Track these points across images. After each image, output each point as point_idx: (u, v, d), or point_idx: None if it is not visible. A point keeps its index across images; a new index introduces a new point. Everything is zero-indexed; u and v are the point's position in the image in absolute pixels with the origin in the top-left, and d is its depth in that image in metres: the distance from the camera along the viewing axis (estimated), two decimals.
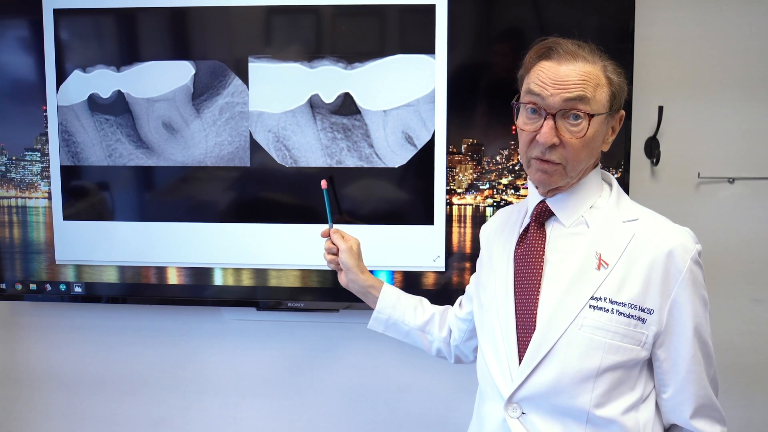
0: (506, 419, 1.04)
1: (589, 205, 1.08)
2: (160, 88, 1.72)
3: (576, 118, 1.00)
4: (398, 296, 1.37)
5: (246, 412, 1.90)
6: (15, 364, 1.96)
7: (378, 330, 1.37)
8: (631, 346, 1.02)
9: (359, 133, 1.69)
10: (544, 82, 1.01)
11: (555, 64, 1.01)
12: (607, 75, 1.03)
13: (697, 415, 1.06)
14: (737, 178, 1.72)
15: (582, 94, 1.00)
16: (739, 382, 1.78)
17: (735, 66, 1.71)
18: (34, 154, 1.78)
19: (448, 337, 1.35)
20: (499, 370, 1.08)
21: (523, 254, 1.10)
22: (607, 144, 1.08)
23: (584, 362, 1.01)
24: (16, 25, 1.76)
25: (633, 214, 1.08)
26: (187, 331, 1.90)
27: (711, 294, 1.78)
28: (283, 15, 1.70)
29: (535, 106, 1.02)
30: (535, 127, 1.02)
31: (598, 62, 1.03)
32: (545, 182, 1.06)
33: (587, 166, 1.07)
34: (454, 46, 1.65)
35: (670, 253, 1.02)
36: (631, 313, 1.01)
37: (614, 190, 1.10)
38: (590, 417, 1.02)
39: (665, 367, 1.05)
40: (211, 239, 1.75)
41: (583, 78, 1.00)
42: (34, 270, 1.81)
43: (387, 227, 1.70)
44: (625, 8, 1.61)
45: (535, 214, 1.11)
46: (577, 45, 1.03)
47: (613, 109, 1.05)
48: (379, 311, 1.35)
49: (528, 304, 1.06)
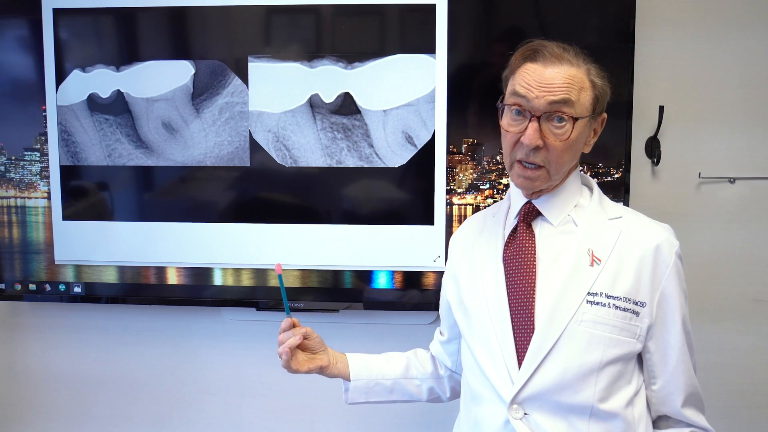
0: (510, 420, 1.04)
1: (573, 204, 1.11)
2: (160, 87, 1.72)
3: (560, 120, 1.02)
4: (365, 357, 1.31)
5: (246, 412, 1.90)
6: (14, 364, 1.96)
7: (360, 400, 1.28)
8: (628, 339, 1.04)
9: (359, 133, 1.69)
10: (530, 84, 1.02)
11: (540, 66, 1.03)
12: (591, 78, 1.05)
13: (686, 404, 1.09)
14: (738, 178, 1.72)
15: (566, 97, 1.01)
16: (740, 382, 1.78)
17: (735, 66, 1.70)
18: (33, 154, 1.78)
19: (436, 371, 1.32)
20: (496, 373, 1.07)
21: (514, 255, 1.10)
22: (589, 146, 1.11)
23: (587, 357, 1.02)
24: (16, 24, 1.76)
25: (616, 212, 1.11)
26: (187, 331, 1.89)
27: (711, 294, 1.79)
28: (283, 15, 1.69)
29: (520, 107, 1.04)
30: (519, 128, 1.04)
31: (583, 66, 1.05)
32: (527, 187, 1.08)
33: (569, 168, 1.09)
34: (454, 45, 1.64)
35: (657, 248, 1.06)
36: (626, 307, 1.04)
37: (595, 191, 1.13)
38: (594, 411, 1.02)
39: (655, 358, 1.07)
40: (211, 239, 1.75)
41: (567, 81, 1.02)
42: (33, 270, 1.81)
43: (387, 227, 1.70)
44: (625, 8, 1.61)
45: (522, 215, 1.12)
46: (563, 48, 1.05)
47: (596, 112, 1.07)
48: (356, 378, 1.27)
49: (524, 304, 1.06)
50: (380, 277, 1.73)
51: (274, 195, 1.74)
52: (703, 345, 1.77)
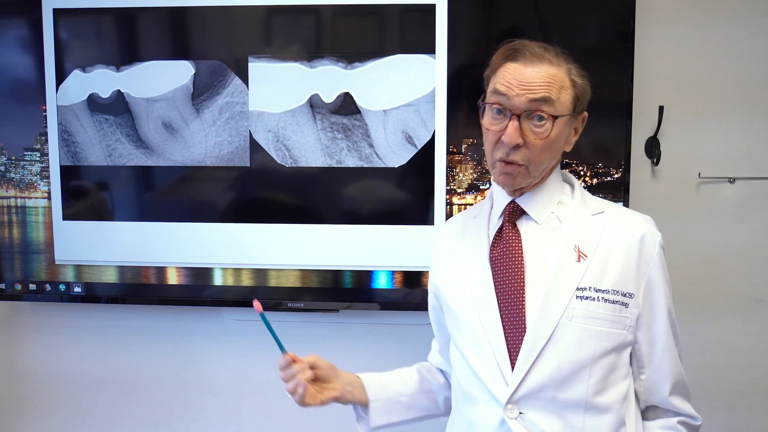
0: (505, 420, 1.04)
1: (556, 201, 1.12)
2: (160, 87, 1.72)
3: (540, 119, 1.03)
4: (378, 376, 1.27)
5: (246, 412, 1.90)
6: (14, 364, 1.96)
7: (382, 423, 1.23)
8: (618, 330, 1.05)
9: (359, 132, 1.69)
10: (510, 83, 1.03)
11: (521, 65, 1.04)
12: (572, 78, 1.06)
13: (673, 392, 1.10)
14: (738, 178, 1.72)
15: (547, 95, 1.02)
16: (740, 382, 1.78)
17: (735, 66, 1.70)
18: (33, 154, 1.78)
19: (447, 381, 1.31)
20: (488, 373, 1.07)
21: (501, 255, 1.10)
22: (570, 144, 1.12)
23: (579, 352, 1.03)
24: (16, 24, 1.76)
25: (599, 207, 1.13)
26: (187, 331, 1.89)
27: (711, 294, 1.79)
28: (283, 15, 1.69)
29: (500, 106, 1.05)
30: (500, 127, 1.05)
31: (563, 65, 1.06)
32: (509, 183, 1.09)
33: (550, 166, 1.10)
34: (454, 46, 1.64)
35: (642, 239, 1.07)
36: (615, 299, 1.05)
37: (577, 188, 1.14)
38: (588, 406, 1.03)
39: (643, 348, 1.09)
40: (211, 239, 1.75)
41: (548, 80, 1.03)
42: (33, 270, 1.81)
43: (387, 227, 1.70)
44: (625, 8, 1.61)
45: (507, 214, 1.12)
46: (543, 48, 1.06)
47: (577, 111, 1.08)
48: (374, 399, 1.23)
49: (514, 303, 1.06)
50: (380, 277, 1.73)
51: (274, 195, 1.74)
52: (703, 345, 1.78)
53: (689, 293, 1.75)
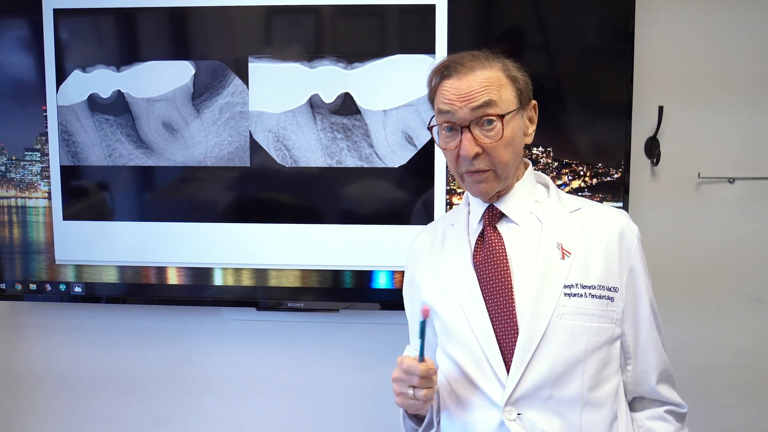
0: (504, 422, 1.04)
1: (533, 201, 1.14)
2: (160, 88, 1.72)
3: (489, 123, 1.06)
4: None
5: (246, 412, 1.90)
6: (15, 364, 1.96)
7: None
8: (607, 325, 1.07)
9: (359, 133, 1.69)
10: (451, 99, 1.06)
11: (456, 80, 1.07)
12: (508, 74, 1.09)
13: (660, 381, 1.12)
14: (737, 178, 1.72)
15: (487, 99, 1.05)
16: (740, 383, 1.78)
17: (735, 66, 1.71)
18: (33, 154, 1.78)
19: None
20: (484, 378, 1.07)
21: (485, 259, 1.11)
22: (530, 136, 1.13)
23: (572, 349, 1.05)
24: (16, 25, 1.76)
25: (575, 204, 1.14)
26: (187, 331, 1.89)
27: (711, 294, 1.79)
28: (283, 15, 1.70)
29: (449, 123, 1.07)
30: (455, 143, 1.07)
31: (496, 64, 1.08)
32: (483, 192, 1.10)
33: (517, 164, 1.12)
34: (454, 46, 1.65)
35: (621, 233, 1.10)
36: (602, 294, 1.07)
37: (552, 187, 1.16)
38: (584, 401, 1.04)
39: (629, 339, 1.11)
40: (211, 239, 1.75)
41: (484, 84, 1.05)
42: (33, 270, 1.81)
43: (387, 227, 1.70)
44: (625, 8, 1.62)
45: (487, 218, 1.13)
46: (472, 56, 1.08)
47: (524, 103, 1.10)
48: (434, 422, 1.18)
49: (503, 306, 1.07)
50: (380, 277, 1.73)
51: (274, 195, 1.74)
52: (703, 345, 1.78)
53: (689, 293, 1.75)
